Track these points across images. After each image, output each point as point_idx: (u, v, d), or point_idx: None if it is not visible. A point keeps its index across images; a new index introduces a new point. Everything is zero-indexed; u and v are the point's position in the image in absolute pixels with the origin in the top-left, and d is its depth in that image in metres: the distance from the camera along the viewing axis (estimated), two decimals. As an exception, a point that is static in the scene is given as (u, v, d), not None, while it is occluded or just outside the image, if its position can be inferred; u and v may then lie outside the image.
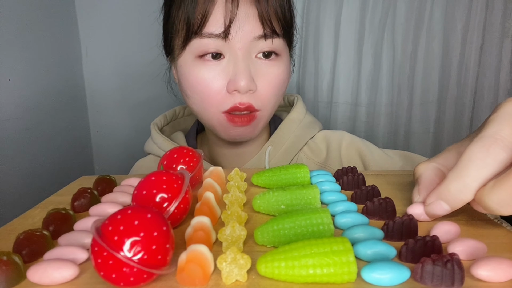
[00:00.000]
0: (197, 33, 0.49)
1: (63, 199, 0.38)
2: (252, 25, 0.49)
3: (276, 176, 0.38)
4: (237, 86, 0.49)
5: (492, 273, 0.22)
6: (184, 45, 0.52)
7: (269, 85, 0.52)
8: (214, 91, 0.51)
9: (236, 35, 0.49)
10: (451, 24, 1.08)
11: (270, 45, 0.51)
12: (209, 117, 0.54)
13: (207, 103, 0.52)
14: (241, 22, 0.49)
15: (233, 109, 0.51)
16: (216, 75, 0.51)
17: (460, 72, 1.11)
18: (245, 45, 0.50)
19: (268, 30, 0.50)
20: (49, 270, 0.23)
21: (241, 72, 0.49)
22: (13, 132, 0.83)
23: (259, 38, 0.50)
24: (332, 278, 0.22)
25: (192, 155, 0.39)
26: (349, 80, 1.15)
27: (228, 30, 0.48)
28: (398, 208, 0.32)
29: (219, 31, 0.49)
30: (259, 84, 0.51)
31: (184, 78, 0.53)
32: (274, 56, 0.53)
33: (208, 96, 0.52)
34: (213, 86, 0.51)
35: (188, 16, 0.49)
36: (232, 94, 0.51)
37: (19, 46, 0.85)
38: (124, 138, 1.21)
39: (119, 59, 1.14)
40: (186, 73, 0.53)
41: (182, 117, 0.74)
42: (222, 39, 0.49)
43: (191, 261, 0.22)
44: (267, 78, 0.52)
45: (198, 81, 0.51)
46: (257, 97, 0.52)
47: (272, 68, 0.52)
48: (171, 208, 0.28)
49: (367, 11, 1.09)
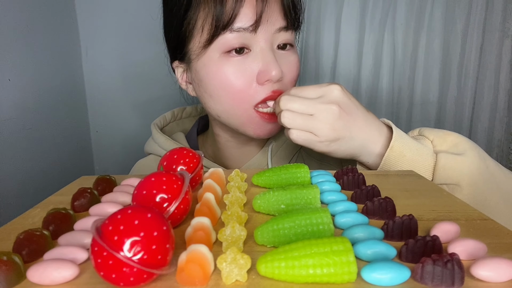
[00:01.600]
0: (226, 28, 0.51)
1: (63, 199, 0.38)
2: (276, 17, 0.52)
3: (276, 176, 0.38)
4: (269, 75, 0.51)
5: (492, 273, 0.22)
6: (208, 44, 0.52)
7: (292, 73, 0.56)
8: (244, 85, 0.52)
9: (263, 28, 0.51)
10: (451, 24, 1.08)
11: (289, 36, 0.55)
12: (238, 114, 0.55)
13: (238, 98, 0.53)
14: (268, 15, 0.51)
15: (267, 98, 0.53)
16: (244, 68, 0.52)
17: (460, 72, 1.11)
18: (269, 37, 0.52)
19: (290, 22, 0.54)
20: (49, 270, 0.23)
21: (272, 62, 0.52)
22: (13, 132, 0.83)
23: (280, 30, 0.53)
24: (332, 278, 0.22)
25: (192, 156, 0.39)
26: (349, 80, 1.15)
27: (258, 24, 0.51)
28: (398, 208, 0.32)
29: (248, 25, 0.51)
30: (284, 73, 0.54)
31: (209, 77, 0.54)
32: (289, 47, 0.56)
33: (239, 91, 0.53)
34: (243, 80, 0.52)
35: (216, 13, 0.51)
36: (263, 85, 0.52)
37: (19, 46, 0.85)
38: (124, 138, 1.20)
39: (119, 59, 1.14)
40: (213, 71, 0.53)
41: (181, 119, 0.74)
42: (250, 32, 0.51)
43: (191, 261, 0.22)
44: (289, 66, 0.55)
45: (226, 77, 0.52)
46: (284, 86, 0.54)
47: (290, 57, 0.56)
48: (171, 208, 0.28)
49: (367, 11, 1.09)
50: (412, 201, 0.35)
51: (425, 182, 0.41)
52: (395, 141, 0.47)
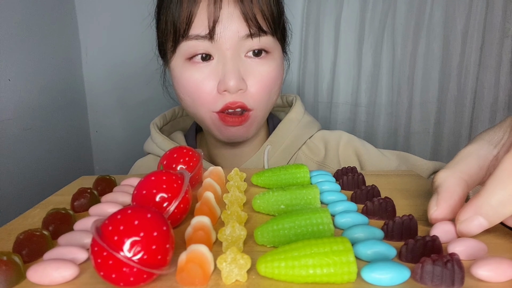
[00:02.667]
0: (184, 35, 0.50)
1: (63, 199, 0.38)
2: (237, 24, 0.49)
3: (276, 176, 0.38)
4: (226, 86, 0.50)
5: (492, 273, 0.22)
6: (174, 49, 0.52)
7: (260, 83, 0.52)
8: (205, 92, 0.51)
9: (222, 35, 0.49)
10: (451, 24, 1.08)
11: (258, 43, 0.51)
12: (202, 117, 0.55)
13: (199, 104, 0.53)
14: (226, 22, 0.49)
15: (225, 108, 0.51)
16: (206, 76, 0.51)
17: (460, 72, 1.11)
18: (232, 45, 0.50)
19: (254, 28, 0.50)
20: (49, 270, 0.23)
21: (230, 72, 0.49)
22: (13, 132, 0.83)
23: (246, 37, 0.50)
24: (332, 278, 0.22)
25: (192, 155, 0.39)
26: (349, 81, 1.15)
27: (213, 31, 0.49)
28: (398, 208, 0.32)
29: (204, 33, 0.49)
30: (250, 83, 0.51)
31: (176, 80, 0.54)
32: (264, 54, 0.52)
33: (199, 97, 0.52)
34: (203, 87, 0.51)
35: (174, 20, 0.50)
36: (222, 95, 0.51)
37: (19, 46, 0.85)
38: (124, 138, 1.20)
39: (119, 59, 1.14)
40: (178, 75, 0.53)
41: (181, 116, 0.74)
42: (208, 40, 0.49)
43: (191, 261, 0.22)
44: (258, 77, 0.52)
45: (189, 83, 0.52)
46: (248, 97, 0.52)
47: (262, 66, 0.52)
48: (171, 208, 0.28)
49: (367, 11, 1.09)
50: (412, 201, 0.35)
51: (425, 182, 0.41)
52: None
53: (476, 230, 0.25)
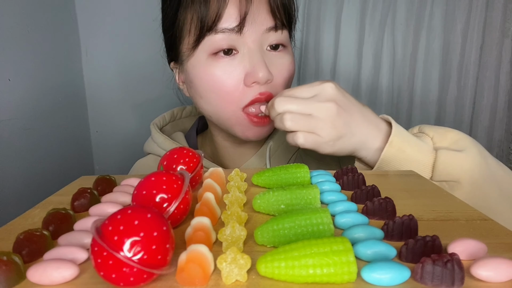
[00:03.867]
0: (211, 29, 0.50)
1: (63, 199, 0.38)
2: (263, 17, 0.51)
3: (276, 176, 0.38)
4: (256, 77, 0.50)
5: (492, 273, 0.22)
6: (196, 45, 0.52)
7: (282, 74, 0.54)
8: (232, 87, 0.52)
9: (249, 28, 0.50)
10: (451, 24, 1.08)
11: (280, 36, 0.53)
12: (227, 116, 0.54)
13: (226, 101, 0.53)
14: (254, 15, 0.50)
15: (254, 100, 0.52)
16: (232, 70, 0.52)
17: (460, 72, 1.11)
18: (257, 38, 0.51)
19: (279, 22, 0.52)
20: (49, 270, 0.23)
21: (259, 63, 0.51)
22: (13, 132, 0.83)
23: (269, 30, 0.52)
24: (332, 278, 0.22)
25: (192, 156, 0.39)
26: (349, 80, 1.15)
27: (242, 24, 0.50)
28: (398, 208, 0.32)
29: (233, 26, 0.50)
30: (274, 74, 0.53)
31: (198, 78, 0.54)
32: (281, 47, 0.54)
33: (227, 93, 0.52)
34: (230, 81, 0.52)
35: (200, 14, 0.50)
36: (250, 87, 0.52)
37: (19, 46, 0.85)
38: (124, 138, 1.20)
39: (119, 59, 1.14)
40: (201, 72, 0.53)
41: (180, 118, 0.74)
42: (236, 33, 0.50)
43: (191, 261, 0.22)
44: (280, 68, 0.54)
45: (214, 79, 0.52)
46: (273, 88, 0.53)
47: (282, 59, 0.54)
48: (171, 208, 0.28)
49: (367, 11, 1.09)
50: (412, 201, 0.35)
51: (425, 182, 0.41)
52: (394, 137, 0.46)
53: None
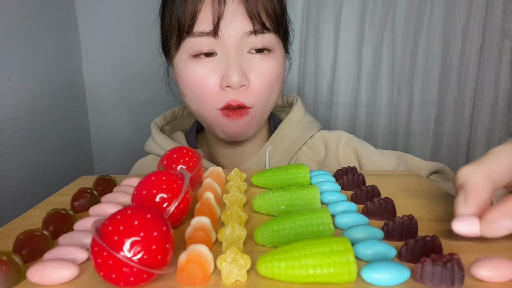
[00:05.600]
0: (188, 32, 0.50)
1: (63, 199, 0.38)
2: (241, 21, 0.50)
3: (276, 176, 0.38)
4: (229, 81, 0.50)
5: (492, 273, 0.22)
6: (177, 45, 0.53)
7: (261, 79, 0.52)
8: (208, 88, 0.52)
9: (226, 31, 0.50)
10: (451, 24, 1.08)
11: (261, 40, 0.52)
12: (205, 114, 0.55)
13: (203, 100, 0.53)
14: (230, 18, 0.49)
15: (226, 106, 0.52)
16: (209, 71, 0.51)
17: (460, 72, 1.11)
18: (236, 41, 0.51)
19: (258, 25, 0.51)
20: (49, 270, 0.23)
21: (233, 68, 0.50)
22: (13, 132, 0.83)
23: (249, 34, 0.51)
24: (332, 278, 0.22)
25: (192, 155, 0.39)
26: (349, 80, 1.15)
27: (217, 27, 0.49)
28: (398, 208, 0.32)
29: (209, 29, 0.50)
30: (252, 79, 0.52)
31: (180, 77, 0.54)
32: (266, 51, 0.53)
33: (203, 93, 0.52)
34: (207, 82, 0.52)
35: (178, 16, 0.50)
36: (225, 91, 0.51)
37: (19, 46, 0.85)
38: (124, 138, 1.20)
39: (119, 59, 1.14)
40: (182, 72, 0.53)
41: (181, 117, 0.74)
42: (212, 36, 0.50)
43: (191, 261, 0.22)
44: (259, 73, 0.52)
45: (192, 79, 0.52)
46: (249, 93, 0.52)
47: (264, 62, 0.53)
48: (171, 208, 0.28)
49: (367, 11, 1.09)
50: (412, 201, 0.35)
51: (425, 182, 0.41)
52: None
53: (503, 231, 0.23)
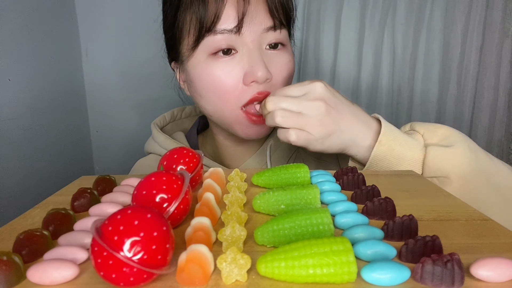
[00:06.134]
0: (210, 30, 0.51)
1: (63, 199, 0.38)
2: (261, 17, 0.52)
3: (276, 176, 0.38)
4: (255, 76, 0.51)
5: (492, 273, 0.22)
6: (195, 45, 0.53)
7: (281, 73, 0.55)
8: (231, 86, 0.52)
9: (248, 28, 0.51)
10: (451, 24, 1.08)
11: (278, 35, 0.54)
12: (226, 114, 0.55)
13: (225, 100, 0.53)
14: (252, 15, 0.51)
15: (253, 99, 0.52)
16: (230, 70, 0.52)
17: (460, 72, 1.11)
18: (256, 38, 0.52)
19: (277, 21, 0.53)
20: (49, 270, 0.23)
21: (258, 63, 0.51)
22: (13, 132, 0.83)
23: (268, 29, 0.52)
24: (332, 278, 0.22)
25: (192, 156, 0.39)
26: (349, 80, 1.15)
27: (241, 25, 0.50)
28: (398, 208, 0.32)
29: (231, 26, 0.50)
30: (273, 73, 0.53)
31: (198, 78, 0.54)
32: (280, 46, 0.55)
33: (225, 92, 0.53)
34: (229, 81, 0.52)
35: (199, 15, 0.51)
36: (249, 86, 0.52)
37: (19, 46, 0.85)
38: (124, 138, 1.20)
39: (119, 59, 1.14)
40: (200, 72, 0.54)
41: (180, 119, 0.74)
42: (234, 34, 0.51)
43: (191, 261, 0.22)
44: (279, 67, 0.54)
45: (213, 79, 0.53)
46: (272, 86, 0.53)
47: (281, 57, 0.55)
48: (171, 208, 0.28)
49: (367, 11, 1.09)
50: (412, 201, 0.35)
51: (425, 182, 0.41)
52: (384, 135, 0.47)
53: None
